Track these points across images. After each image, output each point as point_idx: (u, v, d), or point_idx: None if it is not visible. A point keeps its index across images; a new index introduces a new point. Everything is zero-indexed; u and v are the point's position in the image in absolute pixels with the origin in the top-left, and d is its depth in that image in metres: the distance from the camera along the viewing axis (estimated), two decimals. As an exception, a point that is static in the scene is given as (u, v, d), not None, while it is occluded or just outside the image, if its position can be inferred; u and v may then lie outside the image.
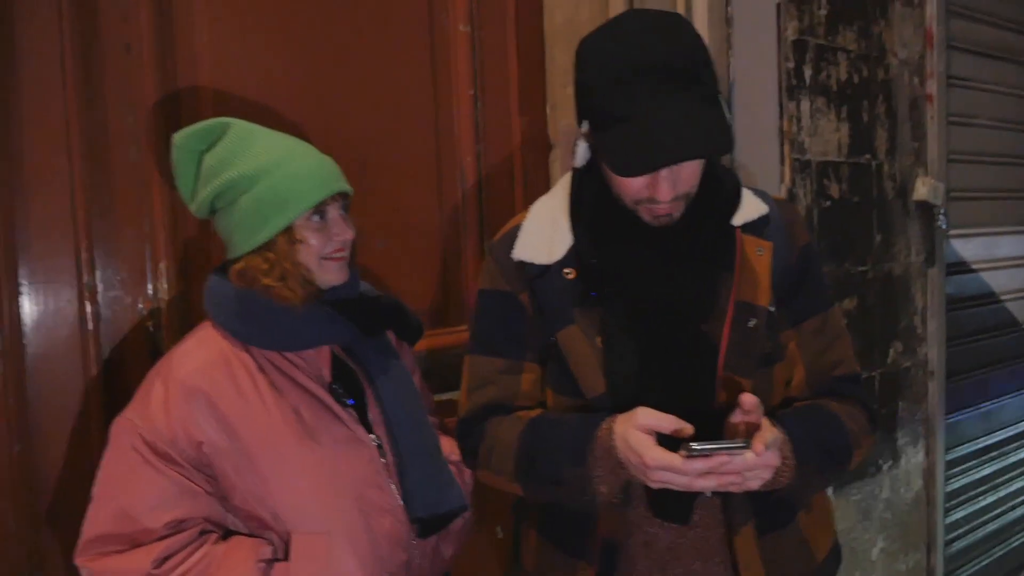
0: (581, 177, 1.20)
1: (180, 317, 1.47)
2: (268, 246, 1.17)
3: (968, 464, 2.79)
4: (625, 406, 1.06)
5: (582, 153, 1.18)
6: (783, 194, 2.03)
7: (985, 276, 2.83)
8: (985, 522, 2.88)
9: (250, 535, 1.17)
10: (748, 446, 0.98)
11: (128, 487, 1.13)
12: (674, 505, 1.11)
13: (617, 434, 1.04)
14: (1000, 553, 2.98)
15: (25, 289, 1.34)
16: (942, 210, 2.51)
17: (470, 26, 1.83)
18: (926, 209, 2.50)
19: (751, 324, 1.13)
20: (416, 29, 1.76)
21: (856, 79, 2.25)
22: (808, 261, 1.22)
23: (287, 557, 1.15)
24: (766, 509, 1.13)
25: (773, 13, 2.01)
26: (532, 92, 1.93)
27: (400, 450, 1.25)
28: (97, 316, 1.40)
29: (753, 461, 0.98)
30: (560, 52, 1.93)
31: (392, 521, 1.22)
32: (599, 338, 1.13)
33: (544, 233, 1.20)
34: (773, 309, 1.16)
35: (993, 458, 2.92)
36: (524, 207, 1.32)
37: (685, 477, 0.97)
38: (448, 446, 1.34)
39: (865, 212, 2.30)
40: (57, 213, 1.37)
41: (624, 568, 1.14)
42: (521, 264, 1.20)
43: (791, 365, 1.20)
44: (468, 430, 1.23)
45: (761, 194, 1.23)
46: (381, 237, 1.68)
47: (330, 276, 1.22)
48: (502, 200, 1.88)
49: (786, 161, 2.05)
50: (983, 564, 2.88)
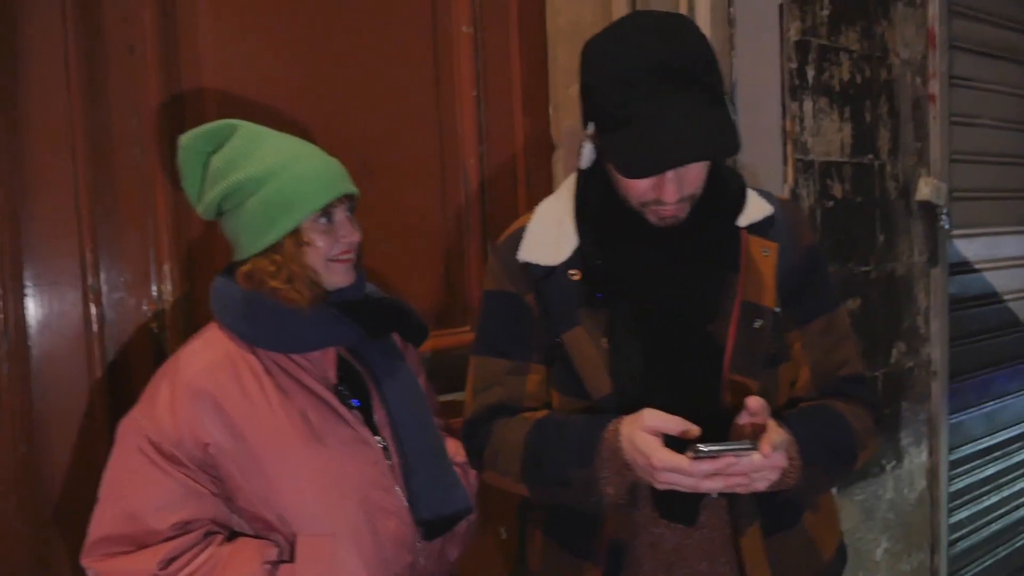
0: (586, 178, 1.20)
1: (184, 319, 1.47)
2: (275, 248, 1.17)
3: (971, 464, 2.79)
4: (631, 407, 1.06)
5: (588, 155, 1.19)
6: (786, 194, 2.03)
7: (988, 276, 2.83)
8: (989, 522, 2.88)
9: (256, 536, 1.17)
10: (755, 448, 0.97)
11: (134, 488, 1.13)
12: (680, 506, 1.11)
13: (624, 435, 1.04)
14: (1004, 553, 2.97)
15: (30, 291, 1.34)
16: (945, 210, 2.51)
17: (473, 27, 1.83)
18: (929, 209, 2.50)
19: (757, 325, 1.13)
20: (419, 30, 1.76)
21: (859, 79, 2.25)
22: (813, 261, 1.22)
23: (292, 559, 1.15)
24: (772, 510, 1.13)
25: (775, 13, 2.01)
26: (535, 93, 1.93)
27: (405, 452, 1.25)
28: (101, 318, 1.40)
29: (760, 462, 0.97)
30: (563, 53, 1.93)
31: (397, 523, 1.22)
32: (605, 339, 1.13)
33: (549, 234, 1.20)
34: (779, 310, 1.16)
35: (996, 458, 2.92)
36: (527, 208, 1.32)
37: (692, 478, 0.97)
38: (453, 448, 1.34)
39: (868, 212, 2.30)
40: (61, 215, 1.37)
41: (630, 569, 1.15)
42: (526, 265, 1.20)
43: (797, 366, 1.20)
44: (474, 431, 1.23)
45: (766, 195, 1.23)
46: (384, 238, 1.68)
47: (337, 278, 1.22)
48: (505, 201, 1.88)
49: (789, 161, 2.05)
50: (987, 564, 2.88)
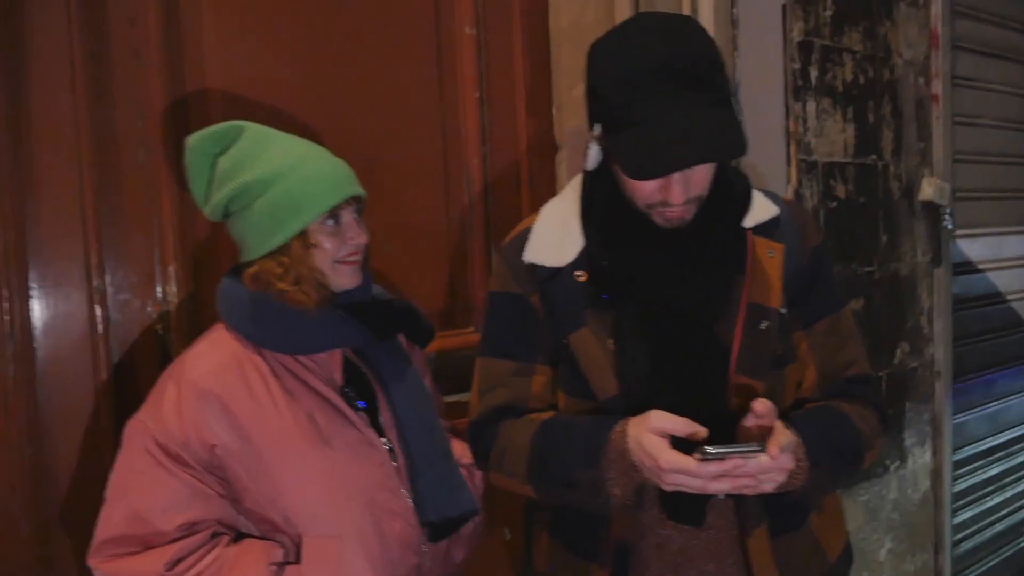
0: (592, 180, 1.20)
1: (189, 320, 1.47)
2: (282, 250, 1.17)
3: (975, 464, 2.79)
4: (638, 408, 1.06)
5: (594, 156, 1.18)
6: (789, 195, 2.03)
7: (991, 276, 2.82)
8: (993, 522, 2.88)
9: (262, 538, 1.18)
10: (763, 449, 0.97)
11: (141, 489, 1.13)
12: (687, 507, 1.11)
13: (631, 437, 1.04)
14: (1008, 553, 2.97)
15: (35, 293, 1.35)
16: (948, 210, 2.51)
17: (476, 28, 1.83)
18: (932, 209, 2.50)
19: (763, 326, 1.13)
20: (422, 32, 1.76)
21: (862, 80, 2.25)
22: (819, 262, 1.22)
23: (299, 560, 1.15)
24: (779, 511, 1.13)
25: (779, 14, 2.01)
26: (538, 94, 1.93)
27: (411, 453, 1.25)
28: (107, 319, 1.41)
29: (768, 464, 0.97)
30: (566, 54, 1.93)
31: (403, 525, 1.22)
32: (611, 340, 1.13)
33: (555, 235, 1.20)
34: (785, 311, 1.16)
35: (1000, 458, 2.92)
36: (530, 209, 1.32)
37: (699, 480, 0.97)
38: (459, 449, 1.34)
39: (871, 213, 2.30)
40: (66, 217, 1.37)
41: (637, 570, 1.14)
42: (532, 266, 1.20)
43: (803, 366, 1.20)
44: (480, 432, 1.23)
45: (771, 195, 1.23)
46: (387, 239, 1.68)
47: (344, 280, 1.22)
48: (508, 202, 1.88)
49: (792, 162, 2.05)
50: (991, 564, 2.88)
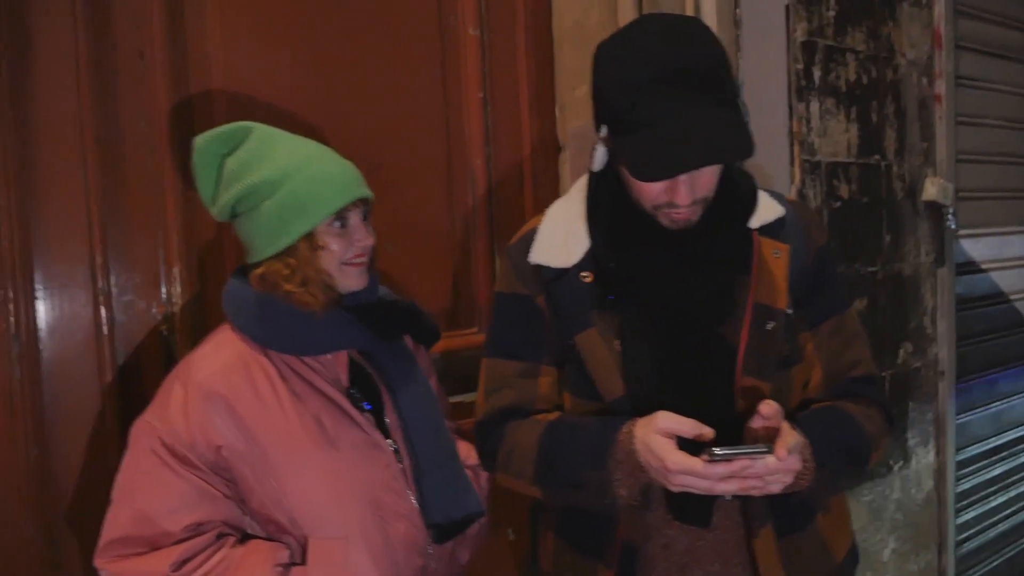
0: (597, 181, 1.20)
1: (194, 321, 1.47)
2: (289, 251, 1.17)
3: (978, 464, 2.79)
4: (644, 409, 1.06)
5: (600, 157, 1.18)
6: (793, 195, 2.02)
7: (995, 276, 2.82)
8: (996, 522, 2.88)
9: (268, 539, 1.17)
10: (770, 451, 0.97)
11: (147, 490, 1.13)
12: (694, 508, 1.11)
13: (638, 438, 1.04)
14: (1011, 553, 2.97)
15: (40, 294, 1.35)
16: (951, 210, 2.50)
17: (479, 29, 1.83)
18: (935, 209, 2.49)
19: (769, 327, 1.13)
20: (426, 33, 1.76)
21: (865, 80, 2.25)
22: (824, 263, 1.22)
23: (304, 561, 1.15)
24: (785, 511, 1.13)
25: (782, 14, 2.01)
26: (541, 95, 1.93)
27: (417, 455, 1.25)
28: (112, 321, 1.41)
29: (775, 465, 0.97)
30: (569, 55, 1.93)
31: (408, 526, 1.22)
32: (617, 341, 1.13)
33: (561, 236, 1.20)
34: (791, 311, 1.16)
35: (1003, 458, 2.92)
36: (534, 209, 1.32)
37: (706, 481, 0.97)
38: (464, 450, 1.34)
39: (875, 213, 2.29)
40: (71, 218, 1.37)
41: (643, 570, 1.15)
42: (538, 267, 1.20)
43: (809, 367, 1.20)
44: (486, 433, 1.23)
45: (777, 196, 1.23)
46: (391, 240, 1.68)
47: (350, 281, 1.22)
48: (512, 202, 1.88)
49: (796, 162, 2.05)
50: (994, 564, 2.88)
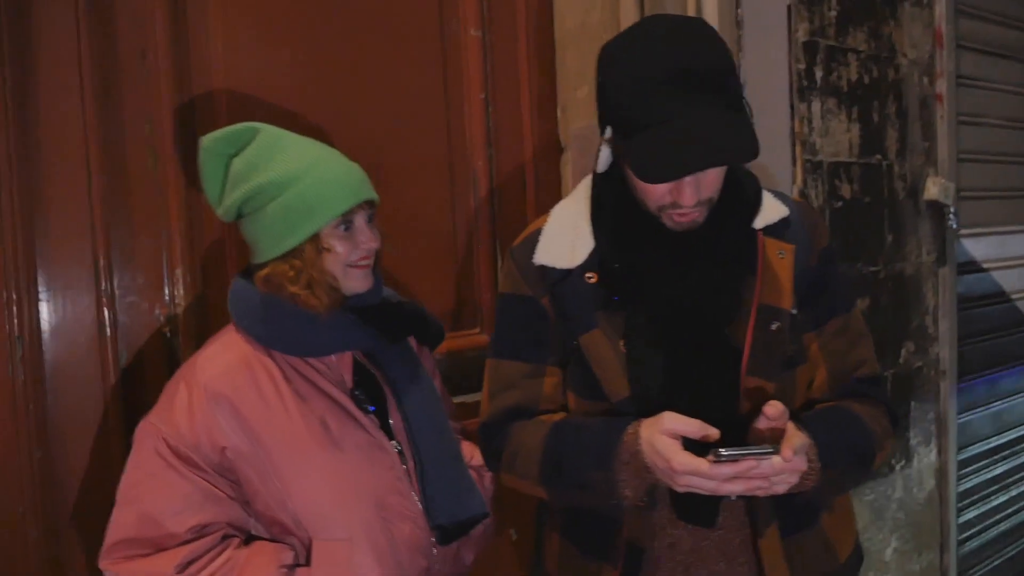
0: (602, 181, 1.20)
1: (197, 323, 1.47)
2: (295, 253, 1.17)
3: (980, 464, 2.79)
4: (649, 410, 1.06)
5: (604, 158, 1.18)
6: (795, 195, 2.02)
7: (996, 275, 2.82)
8: (997, 521, 2.88)
9: (273, 540, 1.18)
10: (776, 451, 0.97)
11: (152, 491, 1.13)
12: (700, 508, 1.11)
13: (643, 438, 1.04)
14: (1013, 552, 2.97)
15: (44, 296, 1.35)
16: (953, 209, 2.50)
17: (481, 31, 1.83)
18: (937, 209, 2.49)
19: (774, 327, 1.13)
20: (427, 34, 1.76)
21: (866, 79, 2.25)
22: (829, 263, 1.22)
23: (309, 562, 1.15)
24: (790, 511, 1.13)
25: (784, 15, 2.00)
26: (543, 96, 1.93)
27: (421, 456, 1.25)
28: (115, 322, 1.41)
29: (781, 466, 0.97)
30: (571, 55, 1.93)
31: (412, 528, 1.22)
32: (622, 342, 1.13)
33: (565, 237, 1.19)
34: (795, 312, 1.16)
35: (1005, 457, 2.92)
36: (536, 210, 1.32)
37: (712, 482, 0.97)
38: (468, 451, 1.33)
39: (876, 212, 2.29)
40: (74, 220, 1.37)
41: (648, 570, 1.14)
42: (542, 268, 1.20)
43: (813, 367, 1.20)
44: (491, 434, 1.23)
45: (781, 196, 1.23)
46: (393, 241, 1.68)
47: (355, 284, 1.22)
48: (514, 203, 1.88)
49: (798, 162, 2.04)
50: (996, 563, 2.88)
